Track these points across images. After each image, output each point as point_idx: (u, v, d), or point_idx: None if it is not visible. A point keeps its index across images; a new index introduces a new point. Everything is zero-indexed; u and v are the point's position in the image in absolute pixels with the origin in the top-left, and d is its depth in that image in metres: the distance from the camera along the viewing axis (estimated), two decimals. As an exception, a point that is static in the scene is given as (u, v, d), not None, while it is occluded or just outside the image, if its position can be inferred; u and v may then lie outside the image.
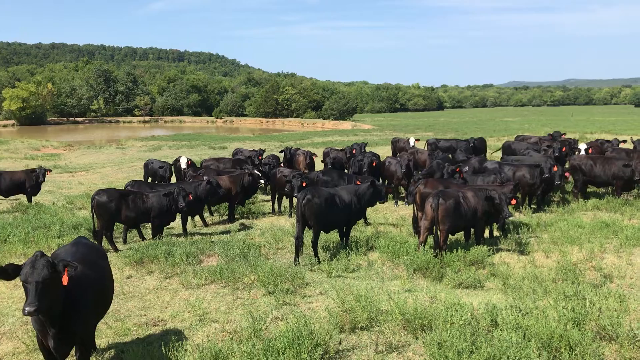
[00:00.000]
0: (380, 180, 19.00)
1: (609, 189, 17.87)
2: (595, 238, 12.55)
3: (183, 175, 19.12)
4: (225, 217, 16.66)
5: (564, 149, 20.25)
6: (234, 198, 16.18)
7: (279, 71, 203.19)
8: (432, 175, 15.89)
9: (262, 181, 16.39)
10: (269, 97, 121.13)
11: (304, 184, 14.28)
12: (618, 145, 21.65)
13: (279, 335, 6.73)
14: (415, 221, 12.87)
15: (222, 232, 14.73)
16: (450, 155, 20.79)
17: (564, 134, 27.86)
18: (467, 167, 16.93)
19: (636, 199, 17.03)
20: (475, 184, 14.32)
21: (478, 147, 24.71)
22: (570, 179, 17.62)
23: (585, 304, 7.68)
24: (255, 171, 16.42)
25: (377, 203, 13.31)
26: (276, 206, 17.36)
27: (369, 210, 14.44)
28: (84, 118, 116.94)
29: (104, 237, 12.99)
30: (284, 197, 17.31)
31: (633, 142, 21.26)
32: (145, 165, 20.97)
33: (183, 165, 19.71)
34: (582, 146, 19.72)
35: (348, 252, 11.67)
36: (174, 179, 20.40)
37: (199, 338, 7.59)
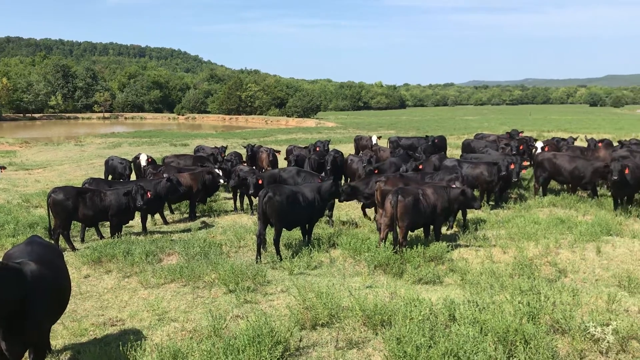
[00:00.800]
0: (343, 177, 19.10)
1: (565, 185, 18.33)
2: (550, 234, 12.89)
3: (143, 172, 18.83)
4: (186, 215, 16.48)
5: (521, 147, 20.74)
6: (195, 196, 16.01)
7: (242, 68, 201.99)
8: (383, 171, 16.25)
9: (221, 181, 16.18)
10: (232, 93, 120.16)
11: (260, 182, 14.27)
12: (573, 143, 22.27)
13: (239, 334, 6.73)
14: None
15: (183, 231, 14.57)
16: (426, 155, 21.01)
17: (522, 132, 28.49)
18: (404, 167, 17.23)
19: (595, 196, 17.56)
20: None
21: (438, 145, 25.03)
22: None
23: (540, 299, 7.89)
24: (216, 169, 16.25)
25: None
26: (238, 204, 17.25)
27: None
28: (41, 114, 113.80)
29: (60, 235, 12.70)
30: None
31: (587, 140, 21.90)
32: (106, 163, 20.56)
33: (143, 162, 19.41)
34: (539, 144, 20.22)
35: (310, 249, 11.70)
36: (134, 177, 20.06)
37: (158, 337, 7.51)
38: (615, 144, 22.47)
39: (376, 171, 16.48)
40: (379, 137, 28.31)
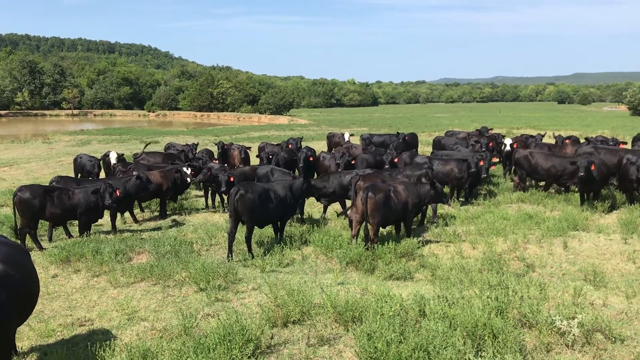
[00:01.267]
0: (315, 174, 19.11)
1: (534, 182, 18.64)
2: (519, 229, 13.10)
3: (112, 170, 18.56)
4: (156, 214, 16.29)
5: (490, 144, 21.02)
6: (165, 193, 15.84)
7: (214, 64, 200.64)
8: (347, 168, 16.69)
9: (188, 179, 15.99)
10: (203, 90, 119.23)
11: (232, 179, 14.21)
12: (541, 140, 22.65)
13: (210, 332, 6.70)
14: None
15: (153, 229, 14.41)
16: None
17: (491, 129, 28.89)
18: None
19: (560, 192, 17.91)
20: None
21: (410, 142, 25.23)
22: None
23: (508, 293, 8.01)
24: (184, 167, 16.03)
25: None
26: (210, 201, 17.13)
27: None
28: (7, 111, 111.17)
29: (27, 235, 12.44)
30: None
31: (555, 137, 22.30)
32: (75, 160, 20.21)
33: (113, 160, 19.13)
34: (508, 141, 20.51)
35: (282, 246, 11.70)
36: (103, 175, 19.76)
37: (127, 337, 7.42)
38: (582, 140, 22.94)
39: (353, 162, 17.10)
40: (352, 135, 28.46)
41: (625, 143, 21.95)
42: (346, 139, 27.11)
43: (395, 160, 17.63)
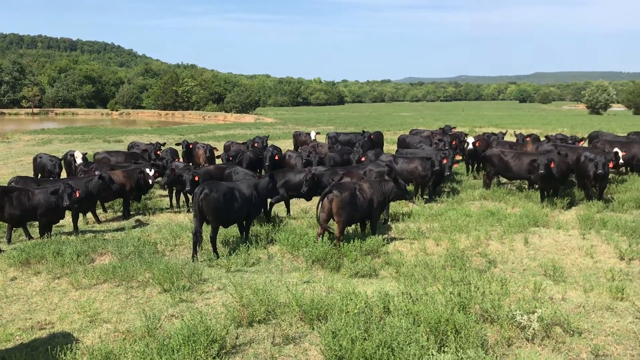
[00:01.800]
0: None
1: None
2: (481, 226, 13.35)
3: (74, 170, 18.19)
4: (119, 214, 16.04)
5: (454, 142, 21.33)
6: (129, 193, 15.61)
7: (178, 62, 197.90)
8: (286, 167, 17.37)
9: (150, 180, 15.70)
10: (167, 88, 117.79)
11: (196, 179, 14.09)
12: (502, 138, 23.10)
13: (174, 333, 6.63)
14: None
15: (116, 230, 14.18)
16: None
17: (455, 128, 29.31)
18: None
19: (522, 190, 18.31)
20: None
21: (375, 140, 25.43)
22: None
23: (470, 289, 8.14)
24: (146, 169, 15.77)
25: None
26: (174, 201, 16.94)
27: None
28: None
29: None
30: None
31: (516, 135, 22.77)
32: (34, 160, 19.75)
33: (79, 160, 18.74)
34: (470, 140, 20.84)
35: (248, 246, 11.64)
36: (65, 174, 19.36)
37: (89, 340, 7.29)
38: (542, 138, 23.49)
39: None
40: (318, 133, 28.53)
41: (584, 139, 22.54)
42: (312, 137, 27.16)
43: (363, 159, 17.76)
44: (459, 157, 22.40)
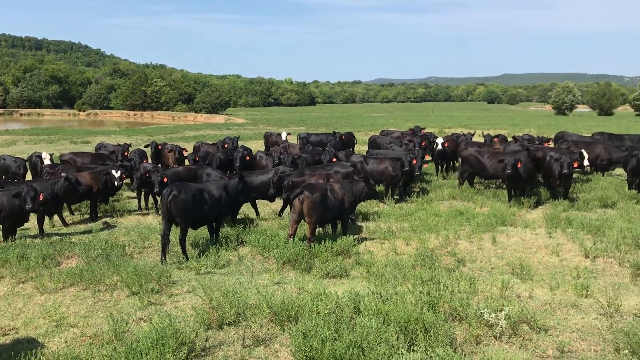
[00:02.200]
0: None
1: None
2: (450, 225, 13.49)
3: (40, 172, 17.80)
4: (86, 216, 15.76)
5: (423, 143, 21.53)
6: (96, 195, 15.33)
7: (147, 62, 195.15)
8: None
9: (115, 182, 15.41)
10: (136, 89, 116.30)
11: (165, 180, 13.92)
12: (471, 138, 23.40)
13: (142, 337, 6.55)
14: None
15: (84, 232, 13.91)
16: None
17: (424, 128, 29.60)
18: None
19: (487, 188, 18.58)
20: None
21: (346, 141, 25.52)
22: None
23: (439, 288, 8.25)
24: (113, 171, 15.50)
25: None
26: (143, 203, 16.71)
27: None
28: None
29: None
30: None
31: (484, 136, 23.10)
32: (-2, 162, 19.24)
33: (46, 161, 18.34)
34: (439, 140, 21.05)
35: (218, 248, 11.55)
36: (30, 176, 18.93)
37: (54, 345, 7.15)
38: (509, 139, 23.88)
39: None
40: (289, 134, 28.46)
41: (550, 140, 22.98)
42: (283, 138, 27.10)
43: (334, 159, 17.80)
44: (428, 158, 22.64)
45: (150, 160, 21.33)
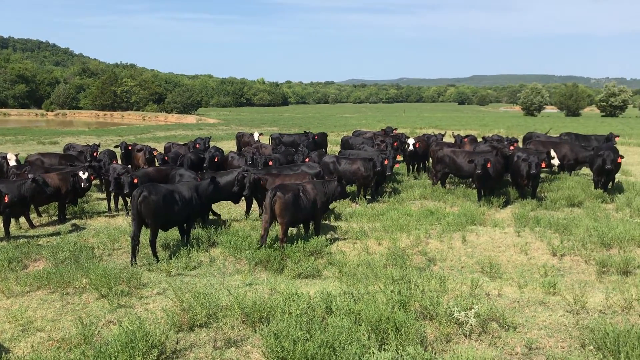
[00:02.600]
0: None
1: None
2: (421, 225, 13.63)
3: (6, 173, 17.39)
4: (55, 218, 15.47)
5: (395, 144, 21.68)
6: (64, 197, 15.06)
7: (117, 62, 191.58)
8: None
9: (82, 184, 15.10)
10: (106, 88, 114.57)
11: (135, 181, 13.74)
12: (442, 139, 23.64)
13: (112, 340, 6.46)
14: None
15: (52, 234, 13.65)
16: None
17: (396, 129, 29.80)
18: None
19: (457, 187, 18.79)
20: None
21: (319, 141, 25.55)
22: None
23: (410, 287, 8.33)
24: (81, 172, 15.21)
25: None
26: (112, 204, 16.47)
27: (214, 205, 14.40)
28: None
29: None
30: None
31: (454, 136, 23.37)
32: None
33: (12, 162, 17.91)
34: (411, 141, 21.23)
35: (189, 249, 11.46)
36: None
37: (20, 350, 7.01)
38: (479, 139, 24.19)
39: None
40: (261, 134, 28.39)
41: (517, 141, 23.33)
42: (255, 138, 27.00)
43: (307, 160, 17.80)
44: (400, 158, 22.78)
45: (120, 161, 21.04)
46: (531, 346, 6.91)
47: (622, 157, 17.38)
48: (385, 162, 16.40)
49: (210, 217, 14.48)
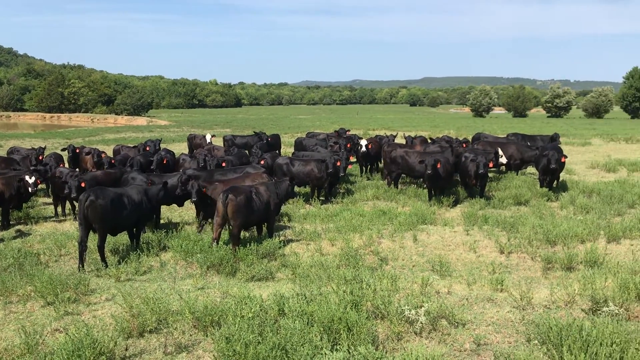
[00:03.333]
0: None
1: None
2: (374, 225, 13.78)
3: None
4: (-3, 224, 14.90)
5: (348, 145, 21.85)
6: (8, 202, 14.53)
7: (64, 62, 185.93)
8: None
9: (29, 189, 14.54)
10: (52, 90, 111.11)
11: (83, 185, 13.37)
12: (393, 140, 23.96)
13: (58, 348, 6.28)
14: None
15: (-6, 241, 13.17)
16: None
17: (349, 130, 30.03)
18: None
19: (409, 187, 19.07)
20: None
21: (272, 143, 25.50)
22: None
23: (362, 287, 8.40)
24: (27, 176, 14.67)
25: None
26: (59, 209, 16.00)
27: (165, 208, 14.20)
28: None
29: None
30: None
31: (405, 137, 23.74)
32: None
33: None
34: (363, 142, 21.45)
35: (139, 254, 11.23)
36: None
37: (-40, 362, 6.73)
38: (429, 140, 24.62)
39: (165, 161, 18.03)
40: (214, 136, 28.10)
41: (468, 142, 23.87)
42: (208, 140, 26.71)
43: (262, 162, 17.70)
44: (353, 159, 22.97)
45: (67, 165, 20.47)
46: (479, 342, 7.08)
47: (566, 156, 17.99)
48: (338, 163, 16.52)
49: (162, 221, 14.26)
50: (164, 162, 18.07)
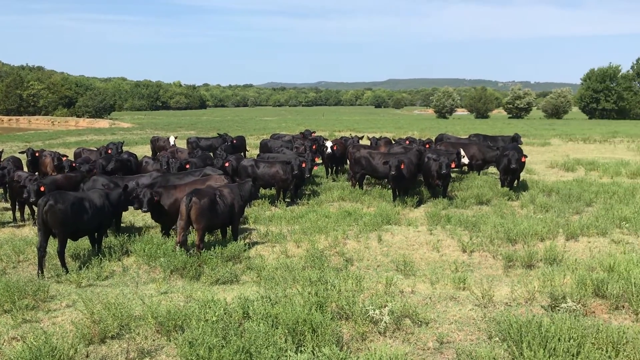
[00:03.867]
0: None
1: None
2: (339, 226, 13.83)
3: None
4: (-48, 231, 14.44)
5: (314, 147, 21.90)
6: (-37, 208, 14.11)
7: (22, 64, 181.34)
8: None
9: None
10: (10, 92, 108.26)
11: (42, 189, 13.04)
12: (358, 141, 24.12)
13: (15, 357, 6.13)
14: None
15: (-52, 248, 12.73)
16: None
17: (315, 132, 30.09)
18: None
19: (374, 187, 19.22)
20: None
21: (237, 145, 25.37)
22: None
23: (327, 288, 8.43)
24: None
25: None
26: (18, 214, 15.59)
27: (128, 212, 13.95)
28: None
29: None
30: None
31: (369, 139, 23.92)
32: None
33: None
34: (329, 143, 21.52)
35: (100, 258, 11.03)
36: None
37: None
38: (393, 142, 24.87)
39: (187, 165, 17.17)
40: (176, 138, 27.81)
41: (431, 142, 24.18)
42: (171, 142, 26.41)
43: (227, 164, 17.61)
44: (318, 160, 23.02)
45: (26, 169, 19.95)
46: (442, 340, 7.18)
47: (526, 156, 18.37)
48: (304, 164, 16.55)
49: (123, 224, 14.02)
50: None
